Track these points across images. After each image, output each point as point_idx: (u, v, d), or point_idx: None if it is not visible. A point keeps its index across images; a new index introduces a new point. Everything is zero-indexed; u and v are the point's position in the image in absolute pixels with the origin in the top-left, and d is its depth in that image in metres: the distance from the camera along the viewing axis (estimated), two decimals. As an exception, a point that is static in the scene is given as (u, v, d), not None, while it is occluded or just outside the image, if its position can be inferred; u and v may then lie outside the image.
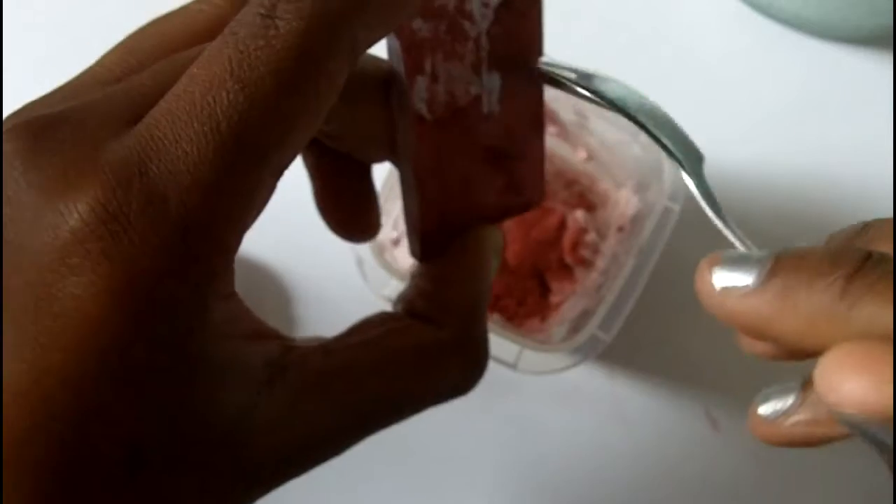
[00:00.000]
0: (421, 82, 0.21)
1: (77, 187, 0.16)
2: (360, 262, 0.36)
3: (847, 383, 0.14)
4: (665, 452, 0.40)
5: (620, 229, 0.39)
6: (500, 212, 0.25)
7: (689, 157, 0.19)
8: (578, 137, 0.40)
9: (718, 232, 0.20)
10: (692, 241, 0.42)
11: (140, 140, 0.16)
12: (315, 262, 0.42)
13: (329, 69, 0.17)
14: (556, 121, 0.40)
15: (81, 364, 0.15)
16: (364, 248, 0.36)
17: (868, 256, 0.16)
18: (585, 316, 0.36)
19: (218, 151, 0.16)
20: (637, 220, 0.38)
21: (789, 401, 0.17)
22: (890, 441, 0.14)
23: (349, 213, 0.26)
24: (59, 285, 0.15)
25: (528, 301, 0.40)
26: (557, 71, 0.22)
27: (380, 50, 0.22)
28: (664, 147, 0.19)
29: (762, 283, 0.16)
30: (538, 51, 0.23)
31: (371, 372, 0.20)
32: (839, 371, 0.15)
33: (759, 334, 0.16)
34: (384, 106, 0.22)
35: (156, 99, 0.17)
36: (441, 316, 0.22)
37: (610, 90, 0.20)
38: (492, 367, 0.36)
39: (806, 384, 0.19)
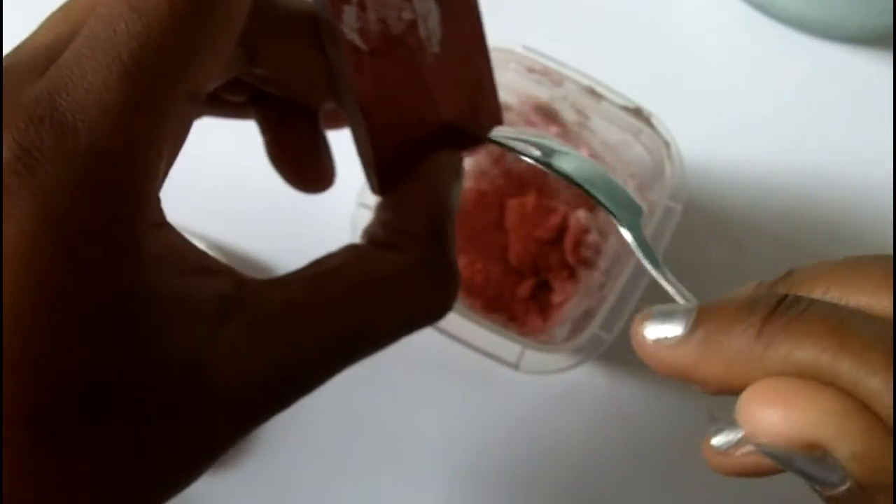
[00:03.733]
0: (349, 12, 0.21)
1: None
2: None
3: (760, 416, 0.16)
4: (667, 452, 0.40)
5: (622, 229, 0.39)
6: (457, 138, 0.24)
7: (630, 212, 0.21)
8: (580, 137, 0.40)
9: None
10: (694, 240, 0.42)
11: (50, 80, 0.17)
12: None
13: None
14: (558, 121, 0.40)
15: (24, 305, 0.16)
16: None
17: (782, 299, 0.16)
18: (587, 316, 0.36)
19: (122, 79, 0.17)
20: (638, 219, 0.38)
21: (740, 432, 0.18)
22: (811, 470, 0.16)
23: (299, 162, 0.27)
24: None
25: (530, 301, 0.40)
26: (515, 145, 0.23)
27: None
28: (605, 207, 0.21)
29: (688, 333, 0.17)
30: (497, 119, 0.24)
31: (334, 301, 0.20)
32: (751, 405, 0.16)
33: (689, 380, 0.18)
34: (316, 44, 0.23)
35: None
36: (403, 241, 0.22)
37: (565, 164, 0.22)
38: (494, 367, 0.36)
39: None
